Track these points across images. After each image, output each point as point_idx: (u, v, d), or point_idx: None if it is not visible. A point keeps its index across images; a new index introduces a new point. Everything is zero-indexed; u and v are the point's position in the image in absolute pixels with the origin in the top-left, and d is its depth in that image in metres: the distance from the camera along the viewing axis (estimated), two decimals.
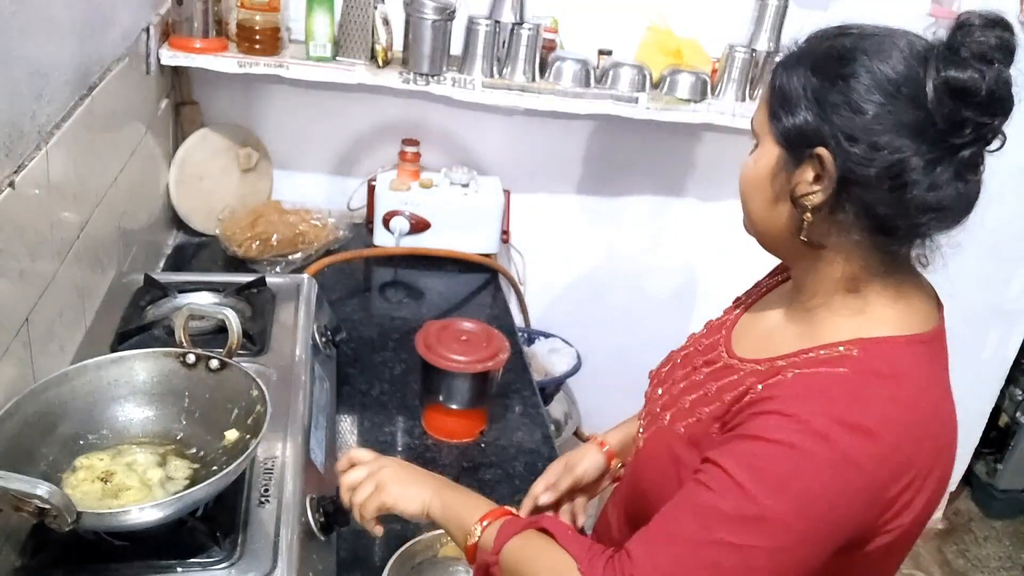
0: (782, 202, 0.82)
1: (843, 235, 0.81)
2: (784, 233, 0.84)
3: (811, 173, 0.79)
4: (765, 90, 0.85)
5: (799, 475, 0.73)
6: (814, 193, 0.79)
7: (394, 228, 1.84)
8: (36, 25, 1.02)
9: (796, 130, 0.79)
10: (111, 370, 0.97)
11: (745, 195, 0.87)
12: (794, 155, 0.80)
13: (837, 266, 0.83)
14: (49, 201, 1.07)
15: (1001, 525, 2.90)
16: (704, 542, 0.74)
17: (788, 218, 0.83)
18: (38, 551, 0.82)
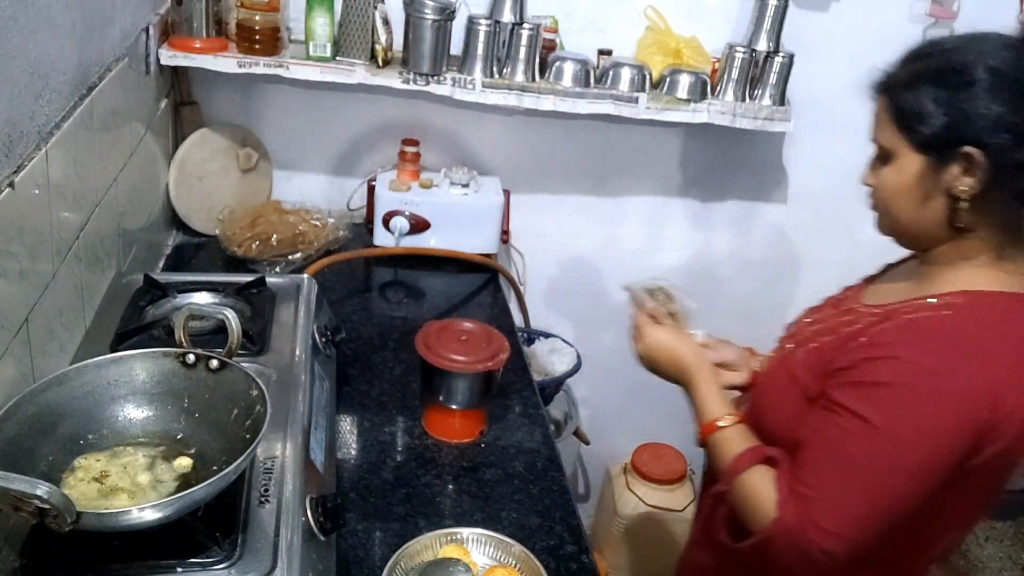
0: (933, 199, 0.95)
1: (989, 216, 0.94)
2: (934, 225, 0.97)
3: (958, 169, 0.92)
4: (883, 112, 0.97)
5: (916, 410, 0.89)
6: (968, 185, 0.91)
7: (394, 228, 1.84)
8: (36, 25, 1.02)
9: (937, 138, 0.92)
10: (111, 370, 0.96)
11: (890, 202, 0.99)
12: (939, 158, 0.92)
13: (975, 240, 0.96)
14: (49, 201, 1.07)
15: (1002, 525, 2.90)
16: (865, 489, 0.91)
17: (940, 211, 0.95)
18: (38, 551, 0.81)
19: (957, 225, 0.95)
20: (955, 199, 0.93)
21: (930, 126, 0.92)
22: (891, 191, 0.98)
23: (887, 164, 0.98)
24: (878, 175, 1.00)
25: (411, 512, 1.18)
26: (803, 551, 0.92)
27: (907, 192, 0.96)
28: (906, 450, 0.90)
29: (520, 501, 1.23)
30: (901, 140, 0.95)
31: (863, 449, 0.91)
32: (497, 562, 1.09)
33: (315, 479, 1.04)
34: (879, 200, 1.01)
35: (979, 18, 2.03)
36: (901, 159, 0.96)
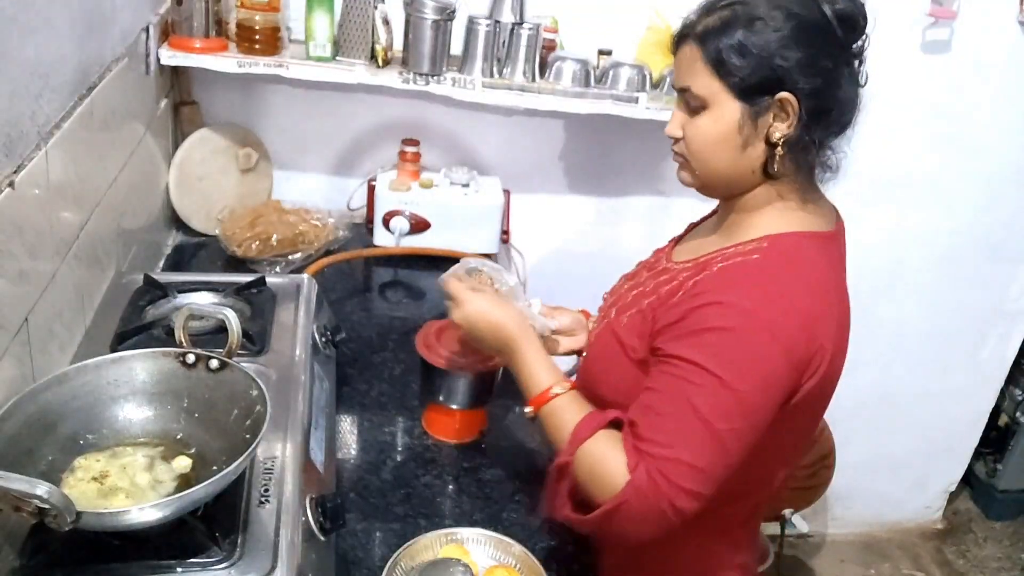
0: (751, 146, 0.97)
1: (798, 160, 0.98)
2: (748, 172, 0.99)
3: (774, 115, 0.95)
4: (696, 60, 0.96)
5: (745, 351, 0.91)
6: (783, 131, 0.95)
7: (394, 228, 1.84)
8: (36, 25, 1.02)
9: (754, 84, 0.94)
10: (111, 370, 0.96)
11: (707, 152, 0.99)
12: (756, 105, 0.95)
13: (781, 188, 1.00)
14: (49, 201, 1.07)
15: (1001, 525, 2.90)
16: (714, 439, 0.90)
17: (757, 158, 0.98)
18: (38, 551, 0.81)
19: (769, 171, 0.98)
20: (772, 145, 0.96)
21: (746, 71, 0.93)
22: (709, 139, 0.98)
23: (700, 113, 0.98)
24: (689, 125, 1.00)
25: (411, 512, 1.18)
26: (658, 511, 0.90)
27: (725, 140, 0.97)
28: (744, 391, 0.91)
29: (520, 501, 1.23)
30: (719, 86, 0.95)
31: (704, 396, 0.91)
32: (497, 562, 1.09)
33: (315, 479, 1.04)
34: (691, 150, 1.01)
35: (979, 18, 2.04)
36: (718, 107, 0.96)
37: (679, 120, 1.02)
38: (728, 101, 0.95)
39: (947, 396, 2.61)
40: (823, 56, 0.94)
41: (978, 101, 2.16)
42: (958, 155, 2.23)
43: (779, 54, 0.92)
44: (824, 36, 0.94)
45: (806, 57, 0.93)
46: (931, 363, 2.53)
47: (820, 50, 0.93)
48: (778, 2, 0.94)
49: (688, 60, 0.98)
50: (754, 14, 0.94)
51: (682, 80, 0.99)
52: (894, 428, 2.64)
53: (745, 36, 0.93)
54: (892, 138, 2.14)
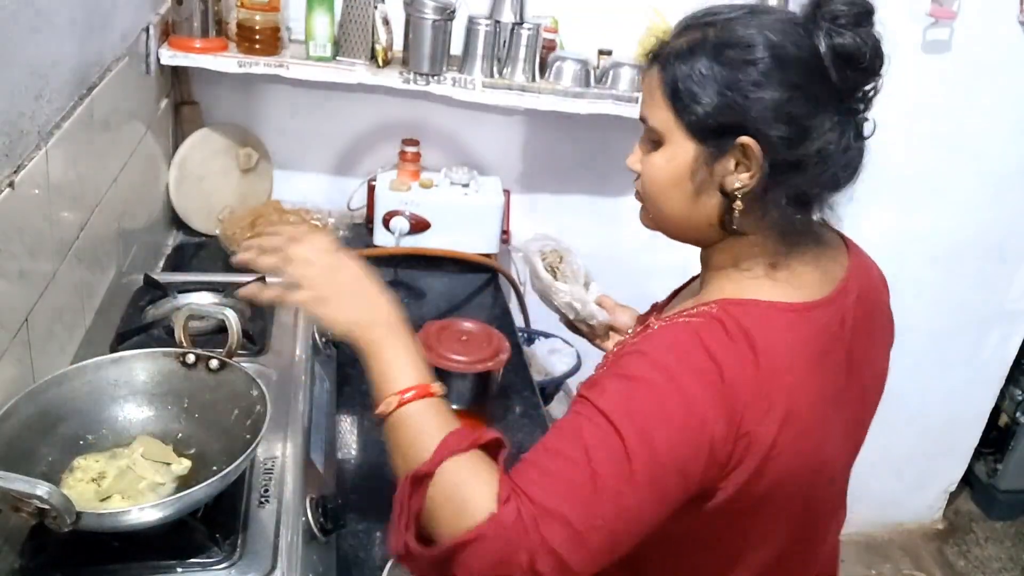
0: (706, 194, 0.84)
1: (763, 218, 0.83)
2: (705, 223, 0.86)
3: (734, 162, 0.81)
4: (656, 88, 0.84)
5: (651, 409, 0.76)
6: (743, 182, 0.81)
7: (394, 228, 1.84)
8: (36, 25, 1.02)
9: (713, 123, 0.80)
10: (111, 370, 0.97)
11: (658, 195, 0.87)
12: (714, 148, 0.81)
13: (748, 245, 0.86)
14: (49, 201, 1.07)
15: (1002, 526, 2.90)
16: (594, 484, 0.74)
17: (713, 209, 0.85)
18: (38, 552, 0.81)
19: (729, 226, 0.84)
20: (730, 197, 0.82)
21: (705, 108, 0.80)
22: (660, 181, 0.85)
23: (656, 148, 0.85)
24: (645, 161, 0.87)
25: None
26: (513, 563, 0.73)
27: (677, 184, 0.84)
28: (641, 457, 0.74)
29: None
30: (674, 122, 0.82)
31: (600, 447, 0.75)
32: None
33: (315, 479, 1.04)
34: (645, 189, 0.88)
35: (979, 18, 2.04)
36: (673, 145, 0.83)
37: (638, 154, 0.89)
38: (682, 139, 0.83)
39: (947, 396, 2.61)
40: (801, 100, 0.78)
41: (978, 101, 2.16)
42: (958, 155, 2.23)
43: (746, 91, 0.78)
44: (810, 76, 0.78)
45: (779, 99, 0.78)
46: (931, 363, 2.53)
47: (799, 93, 0.78)
48: (761, 27, 0.80)
49: (649, 87, 0.85)
50: (727, 40, 0.80)
51: (642, 109, 0.87)
52: (894, 428, 2.64)
53: (709, 65, 0.79)
54: (892, 138, 2.13)
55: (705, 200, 0.84)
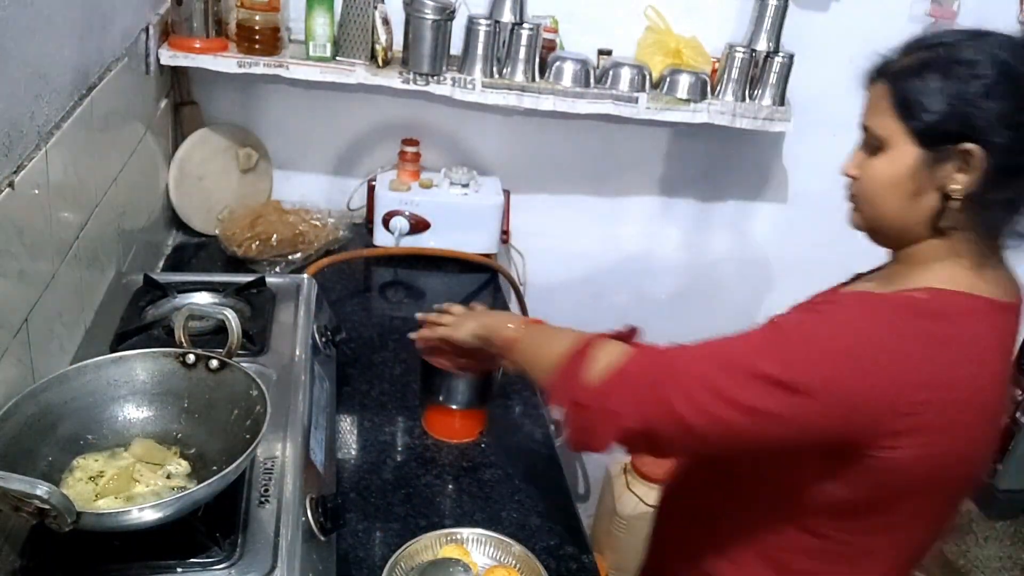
0: (924, 195, 0.90)
1: (975, 218, 0.89)
2: (918, 223, 0.92)
3: (955, 166, 0.87)
4: (882, 99, 0.91)
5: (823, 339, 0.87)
6: (962, 184, 0.87)
7: (394, 228, 1.84)
8: (35, 25, 1.02)
9: (939, 130, 0.87)
10: (111, 370, 0.96)
11: (878, 195, 0.93)
12: (936, 153, 0.88)
13: (955, 243, 0.91)
14: (48, 201, 1.07)
15: (1002, 525, 2.90)
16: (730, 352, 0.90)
17: (928, 209, 0.91)
18: (37, 552, 0.81)
19: (941, 225, 0.91)
20: (946, 197, 0.89)
21: (933, 117, 0.87)
22: (880, 182, 0.93)
23: (877, 154, 0.93)
24: (866, 165, 0.95)
25: (411, 512, 1.18)
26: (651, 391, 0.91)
27: (897, 185, 0.91)
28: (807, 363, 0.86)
29: (520, 501, 1.23)
30: (899, 129, 0.90)
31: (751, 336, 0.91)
32: (497, 562, 1.09)
33: (315, 479, 1.04)
34: (863, 191, 0.96)
35: (979, 18, 2.04)
36: (896, 150, 0.91)
37: (858, 159, 0.97)
38: (906, 144, 0.89)
39: None
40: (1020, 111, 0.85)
41: None
42: None
43: (975, 103, 0.85)
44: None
45: (1006, 109, 0.85)
46: None
47: (1021, 105, 0.85)
48: (987, 47, 0.88)
49: (876, 98, 0.93)
50: (957, 57, 0.88)
51: (866, 118, 0.95)
52: None
53: (940, 80, 0.87)
54: None
55: (922, 201, 0.90)
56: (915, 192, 0.90)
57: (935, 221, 0.91)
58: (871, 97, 0.94)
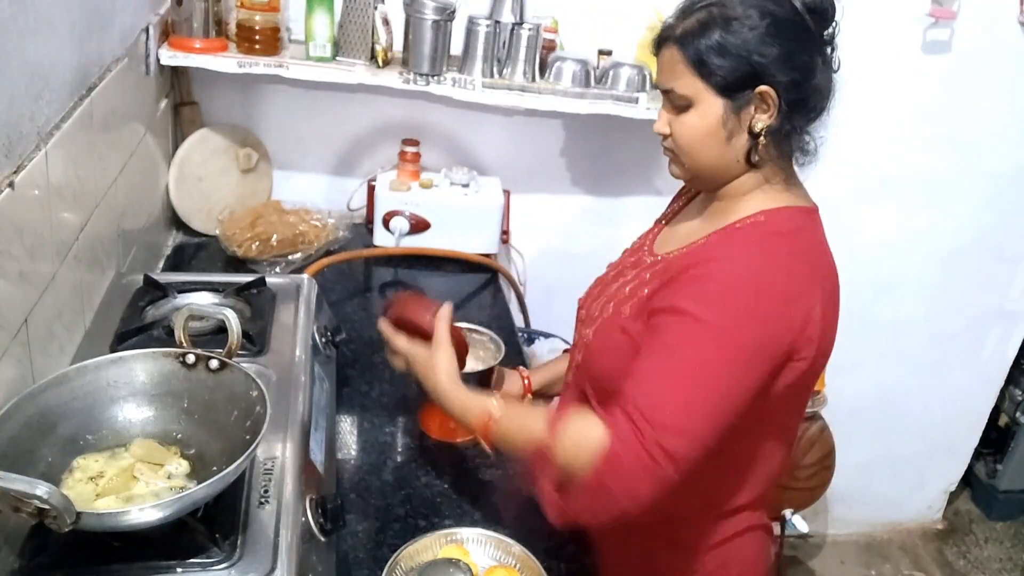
0: (735, 138, 1.01)
1: (779, 147, 1.03)
2: (733, 162, 1.03)
3: (755, 108, 0.99)
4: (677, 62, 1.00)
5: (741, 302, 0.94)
6: (764, 122, 0.99)
7: (394, 228, 1.84)
8: (35, 26, 1.02)
9: (735, 80, 0.98)
10: (110, 371, 0.96)
11: (695, 147, 1.03)
12: (737, 100, 0.99)
13: (765, 173, 1.04)
14: (48, 202, 1.07)
15: (1001, 526, 2.90)
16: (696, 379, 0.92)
17: (741, 149, 1.02)
18: (37, 552, 0.81)
19: (753, 160, 1.02)
20: (755, 135, 1.00)
21: (726, 69, 0.97)
22: (697, 135, 1.02)
23: (687, 111, 1.02)
24: (677, 122, 1.04)
25: (411, 512, 1.18)
26: (647, 459, 0.89)
27: (712, 134, 1.01)
28: (734, 340, 0.93)
29: (520, 501, 1.23)
30: (702, 86, 0.99)
31: (692, 341, 0.93)
32: (497, 562, 1.09)
33: (315, 480, 1.04)
34: (681, 146, 1.05)
35: (979, 18, 2.04)
36: (702, 104, 1.00)
37: (665, 118, 1.07)
38: (711, 98, 1.00)
39: (947, 396, 2.61)
40: (799, 49, 0.98)
41: (978, 101, 2.16)
42: (958, 155, 2.23)
43: (757, 51, 0.97)
44: (798, 30, 0.98)
45: (783, 52, 0.97)
46: (931, 363, 2.53)
47: (796, 44, 0.98)
48: (751, 1, 0.98)
49: (669, 62, 1.02)
50: (730, 14, 0.98)
51: (666, 82, 1.04)
52: (894, 428, 2.64)
53: (723, 36, 0.97)
54: (892, 138, 2.14)
55: (735, 143, 1.02)
56: (728, 137, 1.01)
57: (748, 157, 1.02)
58: (664, 62, 1.04)
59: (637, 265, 1.15)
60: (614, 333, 1.08)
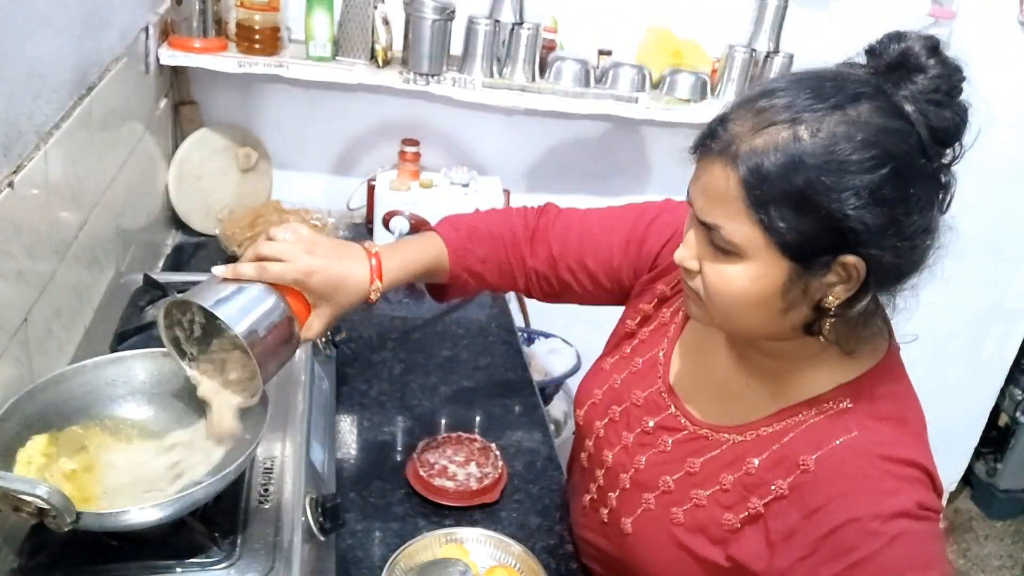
0: (796, 309, 0.77)
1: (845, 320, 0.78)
2: (787, 331, 0.80)
3: (834, 278, 0.74)
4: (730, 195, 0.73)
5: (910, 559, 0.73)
6: (840, 296, 0.75)
7: (394, 228, 1.83)
8: (34, 25, 1.02)
9: (812, 247, 0.72)
10: (110, 370, 0.96)
11: (735, 309, 0.78)
12: (810, 267, 0.73)
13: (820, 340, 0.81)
14: (48, 201, 1.07)
15: (1002, 525, 2.90)
16: None
17: (799, 320, 0.78)
18: (37, 552, 0.81)
19: (814, 332, 0.78)
20: (822, 311, 0.76)
21: (805, 234, 0.71)
22: (741, 298, 0.76)
23: (730, 259, 0.75)
24: (716, 270, 0.77)
25: (411, 512, 1.18)
26: None
27: (764, 302, 0.76)
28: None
29: (520, 501, 1.23)
30: (762, 241, 0.72)
31: None
32: (497, 562, 1.08)
33: (315, 479, 1.04)
34: (715, 300, 0.79)
35: (979, 18, 2.04)
36: (758, 262, 0.74)
37: (694, 250, 0.79)
38: (772, 258, 0.73)
39: (947, 396, 2.61)
40: (914, 210, 0.71)
41: (978, 101, 2.16)
42: None
43: (857, 217, 0.69)
44: (920, 177, 0.71)
45: (891, 218, 0.70)
46: (931, 363, 2.53)
47: (911, 203, 0.71)
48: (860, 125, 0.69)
49: (719, 187, 0.74)
50: (830, 148, 0.68)
51: (708, 211, 0.75)
52: None
53: (810, 184, 0.68)
54: None
55: (793, 314, 0.77)
56: (785, 308, 0.76)
57: (806, 330, 0.79)
58: (710, 180, 0.75)
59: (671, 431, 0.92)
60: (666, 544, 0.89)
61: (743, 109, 0.75)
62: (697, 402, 0.93)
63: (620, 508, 0.96)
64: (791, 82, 0.75)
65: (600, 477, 1.02)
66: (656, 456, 0.93)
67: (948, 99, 0.72)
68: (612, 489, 0.99)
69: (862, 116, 0.71)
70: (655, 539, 0.91)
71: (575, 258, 1.09)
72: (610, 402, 1.03)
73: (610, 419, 1.01)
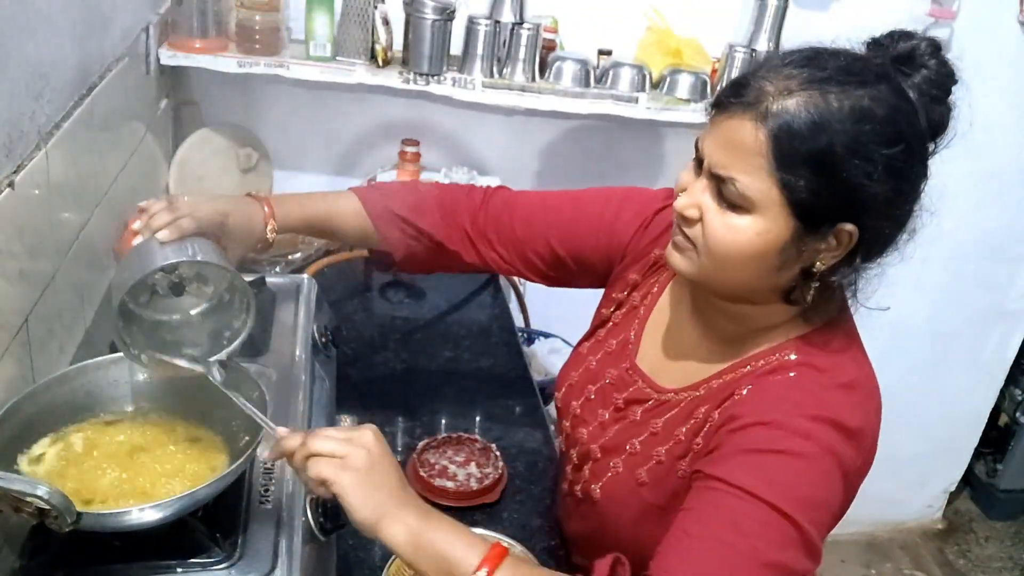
0: (786, 269, 0.80)
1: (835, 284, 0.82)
2: (767, 292, 0.84)
3: (831, 243, 0.78)
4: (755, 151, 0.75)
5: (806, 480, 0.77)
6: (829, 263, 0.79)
7: None
8: (35, 25, 1.02)
9: (823, 210, 0.75)
10: (110, 370, 0.96)
11: (731, 262, 0.80)
12: (812, 228, 0.76)
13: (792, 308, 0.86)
14: (49, 201, 1.07)
15: (1002, 525, 2.90)
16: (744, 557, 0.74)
17: (785, 281, 0.82)
18: (38, 552, 0.81)
19: (792, 298, 0.82)
20: (807, 274, 0.80)
21: (823, 197, 0.74)
22: (741, 250, 0.78)
23: (737, 211, 0.77)
24: (721, 220, 0.78)
25: None
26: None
27: (763, 257, 0.78)
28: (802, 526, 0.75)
29: (520, 501, 1.23)
30: (777, 198, 0.75)
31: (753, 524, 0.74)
32: None
33: None
34: (712, 250, 0.80)
35: (979, 18, 2.04)
36: (766, 219, 0.76)
37: (697, 199, 0.80)
38: (782, 216, 0.76)
39: (947, 396, 2.61)
40: (910, 189, 0.77)
41: (978, 101, 2.15)
42: (958, 155, 2.22)
43: (869, 186, 0.73)
44: (921, 160, 0.78)
45: (894, 193, 0.75)
46: (931, 363, 2.53)
47: (910, 182, 0.77)
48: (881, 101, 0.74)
49: (744, 142, 0.75)
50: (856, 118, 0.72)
51: (725, 164, 0.77)
52: (894, 428, 2.62)
53: (834, 149, 0.72)
54: None
55: (783, 273, 0.80)
56: (778, 266, 0.79)
57: (787, 292, 0.82)
58: (733, 135, 0.77)
59: (639, 402, 0.96)
60: (632, 504, 0.92)
61: (773, 72, 0.77)
62: (663, 373, 0.96)
63: (591, 478, 0.99)
64: (818, 52, 0.80)
65: (574, 456, 1.05)
66: (626, 425, 0.97)
67: (942, 96, 0.80)
68: (585, 463, 1.02)
69: (882, 94, 0.76)
70: (624, 501, 0.94)
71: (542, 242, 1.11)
72: (586, 382, 1.06)
73: (586, 398, 1.04)
